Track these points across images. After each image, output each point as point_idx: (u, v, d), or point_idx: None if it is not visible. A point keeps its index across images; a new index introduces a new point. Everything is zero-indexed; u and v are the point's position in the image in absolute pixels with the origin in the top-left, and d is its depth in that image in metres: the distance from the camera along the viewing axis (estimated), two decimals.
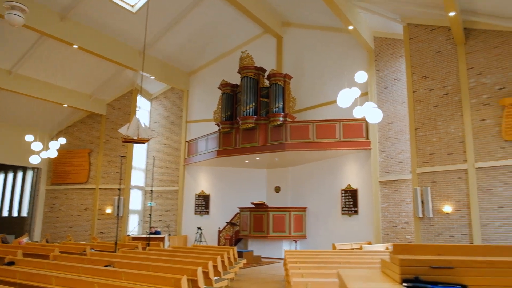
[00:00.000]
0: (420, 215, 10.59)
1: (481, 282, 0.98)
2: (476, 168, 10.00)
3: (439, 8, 10.21)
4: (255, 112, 14.84)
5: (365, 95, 13.30)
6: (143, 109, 18.81)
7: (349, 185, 13.96)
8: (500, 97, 9.85)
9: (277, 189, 16.78)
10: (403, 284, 1.03)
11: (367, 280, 1.11)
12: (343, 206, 13.97)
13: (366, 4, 12.19)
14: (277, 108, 14.37)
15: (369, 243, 12.47)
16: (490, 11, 9.90)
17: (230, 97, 15.98)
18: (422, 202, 10.60)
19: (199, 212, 17.47)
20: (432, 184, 10.66)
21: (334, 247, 11.07)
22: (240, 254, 12.75)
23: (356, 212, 13.57)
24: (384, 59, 13.66)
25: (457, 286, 0.95)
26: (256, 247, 14.90)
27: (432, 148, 10.83)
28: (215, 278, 7.50)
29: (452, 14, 9.48)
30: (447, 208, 10.27)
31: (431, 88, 11.10)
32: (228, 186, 17.33)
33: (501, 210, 9.54)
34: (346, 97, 9.39)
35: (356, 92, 9.53)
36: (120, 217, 16.18)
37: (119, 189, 14.26)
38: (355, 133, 13.49)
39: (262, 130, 14.60)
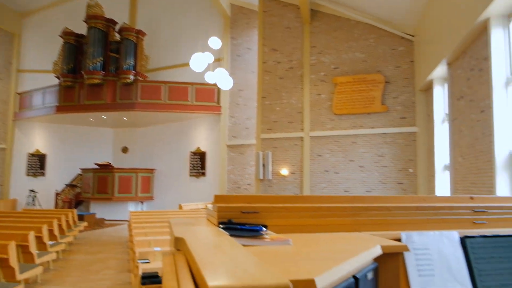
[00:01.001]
0: (261, 177, 11.56)
1: (278, 223, 1.22)
2: (310, 136, 11.30)
3: None
4: (103, 67, 13.76)
5: (218, 61, 13.55)
6: None
7: (198, 148, 14.29)
8: (334, 75, 11.20)
9: (125, 150, 16.13)
10: (219, 225, 1.17)
11: (191, 225, 1.22)
12: (192, 168, 14.28)
13: None
14: (128, 66, 13.59)
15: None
16: None
17: (74, 48, 14.41)
18: (264, 165, 11.55)
19: (32, 173, 15.66)
20: (273, 149, 11.67)
21: (180, 207, 11.32)
22: (81, 217, 12.01)
23: (204, 174, 14.04)
24: (239, 28, 14.06)
25: (260, 226, 1.13)
26: (100, 210, 14.22)
27: (275, 116, 11.78)
28: (51, 242, 6.96)
29: None
30: (284, 171, 11.44)
31: (279, 61, 11.94)
32: (69, 145, 15.88)
33: (326, 174, 11.08)
34: (199, 61, 9.44)
35: (209, 57, 9.65)
36: None
37: None
38: (207, 97, 13.74)
39: (110, 87, 13.66)
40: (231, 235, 1.02)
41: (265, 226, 1.15)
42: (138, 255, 4.55)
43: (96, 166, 14.31)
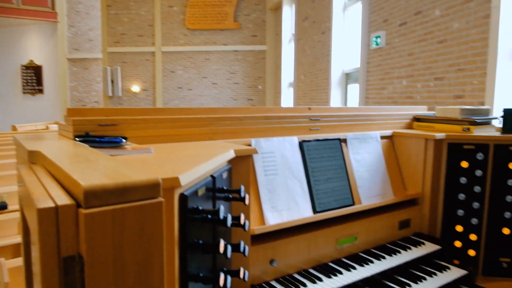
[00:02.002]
0: (110, 94, 10.89)
1: (137, 134, 1.26)
2: (162, 51, 10.89)
3: None
4: None
5: None
6: None
7: (31, 61, 12.43)
8: None
9: None
10: (76, 139, 1.14)
11: (43, 139, 1.15)
12: (25, 84, 12.49)
13: None
14: None
15: (56, 122, 11.99)
16: None
17: None
18: (112, 81, 10.85)
19: None
20: (122, 65, 10.96)
21: (14, 128, 10.04)
22: None
23: (41, 91, 12.47)
24: None
25: (120, 138, 1.14)
26: None
27: (123, 29, 10.89)
28: None
29: None
30: (135, 88, 10.97)
31: None
32: None
33: (180, 90, 11.03)
34: None
35: None
36: None
37: None
38: (37, 1, 11.72)
39: None
40: (90, 147, 1.00)
41: (125, 138, 1.15)
42: None
43: None
